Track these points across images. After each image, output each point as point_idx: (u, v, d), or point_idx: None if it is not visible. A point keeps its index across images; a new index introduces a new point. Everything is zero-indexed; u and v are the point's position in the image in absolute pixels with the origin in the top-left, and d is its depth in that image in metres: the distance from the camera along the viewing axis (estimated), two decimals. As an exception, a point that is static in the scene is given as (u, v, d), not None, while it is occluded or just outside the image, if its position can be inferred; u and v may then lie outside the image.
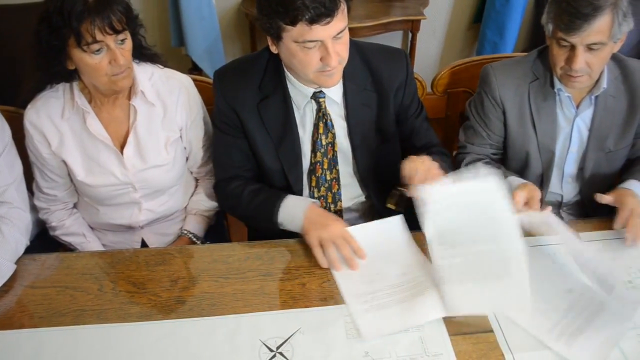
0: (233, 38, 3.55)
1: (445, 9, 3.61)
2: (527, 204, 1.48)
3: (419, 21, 3.27)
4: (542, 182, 1.77)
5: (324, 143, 1.63)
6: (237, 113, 1.59)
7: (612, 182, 1.70)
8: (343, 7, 1.38)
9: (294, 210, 1.53)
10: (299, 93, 1.57)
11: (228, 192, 1.67)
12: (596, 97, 1.65)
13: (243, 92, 1.58)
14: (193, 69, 3.29)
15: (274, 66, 1.57)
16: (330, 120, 1.61)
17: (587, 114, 1.68)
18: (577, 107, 1.68)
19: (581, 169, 1.76)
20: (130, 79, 1.57)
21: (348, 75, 1.57)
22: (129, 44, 1.54)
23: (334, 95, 1.59)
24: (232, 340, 1.27)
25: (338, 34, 1.39)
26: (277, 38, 1.42)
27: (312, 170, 1.67)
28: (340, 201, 1.73)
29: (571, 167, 1.77)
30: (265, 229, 1.60)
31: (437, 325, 1.31)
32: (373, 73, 1.62)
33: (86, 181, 1.66)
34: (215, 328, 1.30)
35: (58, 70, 1.54)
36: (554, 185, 1.81)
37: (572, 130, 1.71)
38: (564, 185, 1.81)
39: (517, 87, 1.70)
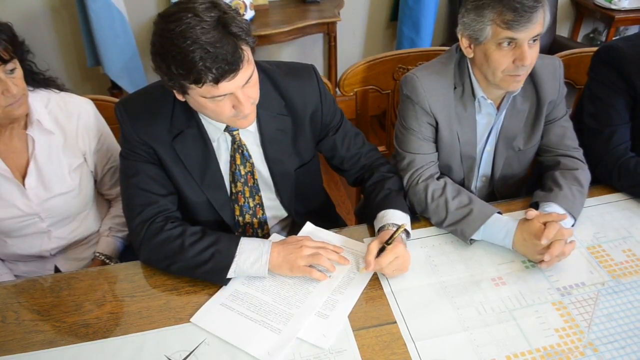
0: (152, 53, 3.50)
1: (362, 9, 3.66)
2: None
3: (334, 23, 3.30)
4: (463, 186, 1.77)
5: (242, 173, 1.59)
6: (153, 147, 1.49)
7: (520, 179, 1.72)
8: (247, 54, 1.27)
9: (257, 248, 1.45)
10: (212, 127, 1.50)
11: (163, 233, 1.46)
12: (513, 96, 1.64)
13: (155, 127, 1.48)
14: (113, 88, 3.26)
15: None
16: (247, 151, 1.56)
17: (501, 115, 1.68)
18: (497, 109, 1.67)
19: (493, 168, 1.78)
20: (26, 106, 1.54)
21: (261, 104, 1.46)
22: (19, 72, 1.51)
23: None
24: (136, 358, 1.26)
25: (247, 81, 1.31)
26: (183, 92, 1.33)
27: (234, 200, 1.64)
28: (267, 224, 1.72)
29: (485, 167, 1.79)
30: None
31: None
32: (284, 97, 1.56)
33: None
34: (119, 348, 1.29)
35: None
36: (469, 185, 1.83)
37: (490, 133, 1.71)
38: (478, 184, 1.83)
39: (444, 97, 1.65)
